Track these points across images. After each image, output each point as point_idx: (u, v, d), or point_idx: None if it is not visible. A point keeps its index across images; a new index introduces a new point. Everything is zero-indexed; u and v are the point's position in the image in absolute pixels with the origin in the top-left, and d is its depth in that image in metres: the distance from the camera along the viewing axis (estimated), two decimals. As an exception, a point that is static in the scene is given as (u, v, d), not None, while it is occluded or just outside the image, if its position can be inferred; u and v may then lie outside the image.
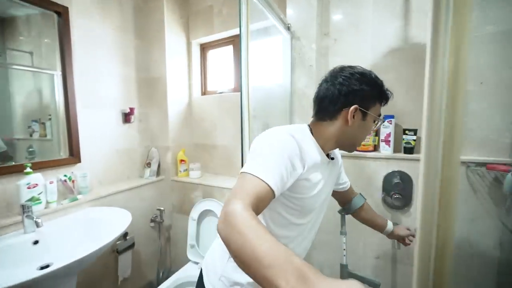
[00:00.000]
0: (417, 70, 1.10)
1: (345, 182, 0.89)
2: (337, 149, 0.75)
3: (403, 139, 1.13)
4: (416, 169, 1.11)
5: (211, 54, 1.90)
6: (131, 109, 1.63)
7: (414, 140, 1.11)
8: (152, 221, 1.70)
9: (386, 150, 1.16)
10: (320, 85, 0.68)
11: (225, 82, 1.83)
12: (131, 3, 1.65)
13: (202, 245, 1.48)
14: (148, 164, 1.73)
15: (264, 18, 1.10)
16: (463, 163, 1.02)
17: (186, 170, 1.78)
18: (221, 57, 1.86)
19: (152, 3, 1.69)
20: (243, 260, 0.36)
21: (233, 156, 1.73)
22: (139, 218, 1.60)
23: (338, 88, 0.62)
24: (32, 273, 0.77)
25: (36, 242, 0.99)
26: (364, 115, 0.63)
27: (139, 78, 1.73)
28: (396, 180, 1.14)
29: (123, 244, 1.46)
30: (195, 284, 1.37)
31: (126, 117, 1.63)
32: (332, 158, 0.72)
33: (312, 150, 0.61)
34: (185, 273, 1.40)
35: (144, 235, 1.67)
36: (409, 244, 0.94)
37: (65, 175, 1.26)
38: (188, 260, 1.50)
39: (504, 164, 0.93)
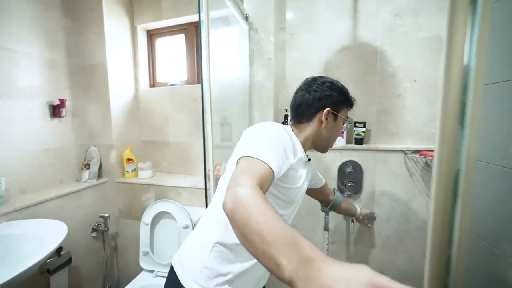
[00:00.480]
0: (365, 67, 1.20)
1: (321, 178, 0.98)
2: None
3: (354, 131, 1.23)
4: (366, 158, 1.22)
5: (160, 42, 1.74)
6: (61, 101, 1.37)
7: (364, 132, 1.21)
8: (94, 230, 1.47)
9: (340, 141, 1.24)
10: (296, 93, 0.77)
11: (177, 73, 1.70)
12: (56, -27, 1.37)
13: (157, 251, 1.35)
14: (87, 166, 1.49)
15: (222, 6, 1.05)
16: (401, 151, 1.17)
17: (135, 170, 1.60)
18: (172, 46, 1.72)
19: (85, -24, 1.45)
20: (246, 234, 0.35)
21: (189, 153, 1.62)
22: (77, 228, 1.37)
23: (313, 94, 0.71)
24: None
25: None
26: (335, 117, 0.72)
27: (71, 64, 1.46)
28: (349, 169, 1.23)
29: (56, 262, 1.22)
30: (151, 295, 1.24)
31: (55, 111, 1.36)
32: (309, 159, 0.78)
33: (299, 146, 0.68)
34: (138, 283, 1.25)
35: (85, 248, 1.44)
36: (370, 227, 1.15)
37: (-32, 184, 0.99)
38: (141, 269, 1.35)
39: (432, 151, 1.09)
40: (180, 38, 1.66)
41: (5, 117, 1.16)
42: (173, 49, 1.71)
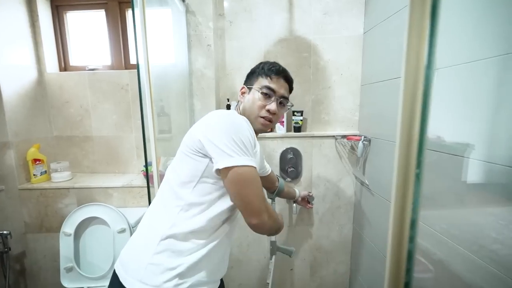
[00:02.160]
0: (300, 59, 1.29)
1: (267, 166, 1.01)
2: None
3: (293, 119, 1.31)
4: (304, 145, 1.32)
5: (71, 17, 1.44)
6: None
7: (301, 120, 1.31)
8: (-13, 254, 1.14)
9: (280, 130, 1.30)
10: None
11: (98, 56, 1.45)
12: None
13: (85, 264, 1.15)
14: (-31, 172, 1.13)
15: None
16: (332, 136, 1.32)
17: (46, 172, 1.30)
18: (89, 24, 1.44)
19: None
20: (276, 231, 0.70)
21: (118, 149, 1.42)
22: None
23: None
24: None
25: None
26: (250, 90, 0.75)
27: None
28: (290, 155, 1.31)
29: None
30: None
31: None
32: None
33: (254, 134, 0.68)
34: (61, 307, 1.05)
35: (-27, 278, 1.10)
36: (311, 207, 1.23)
37: None
38: (63, 290, 1.13)
39: (357, 135, 1.27)
40: (100, 14, 1.41)
41: None
42: (90, 27, 1.44)
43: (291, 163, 1.31)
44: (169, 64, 1.26)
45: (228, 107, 1.29)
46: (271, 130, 1.33)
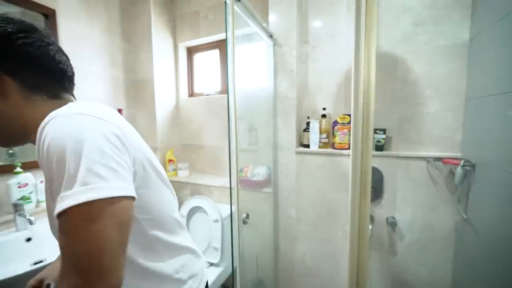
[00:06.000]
0: (386, 76, 1.24)
1: None
2: None
3: (374, 137, 1.26)
4: (386, 164, 1.24)
5: (197, 57, 1.97)
6: (119, 110, 1.66)
7: (384, 139, 1.24)
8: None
9: (359, 147, 1.28)
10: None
11: (212, 84, 1.90)
12: (117, 6, 1.68)
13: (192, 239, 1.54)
14: (136, 164, 1.77)
15: (248, 25, 1.19)
16: (423, 158, 1.17)
17: (175, 170, 1.83)
18: (208, 60, 1.93)
19: (139, 6, 1.73)
20: None
21: (220, 156, 1.80)
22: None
23: None
24: (24, 267, 0.81)
25: (29, 239, 1.02)
26: None
27: (127, 79, 1.76)
28: (368, 174, 1.26)
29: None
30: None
31: (114, 118, 1.66)
32: None
33: None
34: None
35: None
36: None
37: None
38: (177, 256, 1.55)
39: (456, 159, 1.08)
40: (215, 53, 1.86)
41: (79, 124, 1.47)
42: (209, 62, 1.93)
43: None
44: (259, 88, 1.51)
45: (308, 124, 1.39)
46: (349, 147, 1.33)
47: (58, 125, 0.37)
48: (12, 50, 0.42)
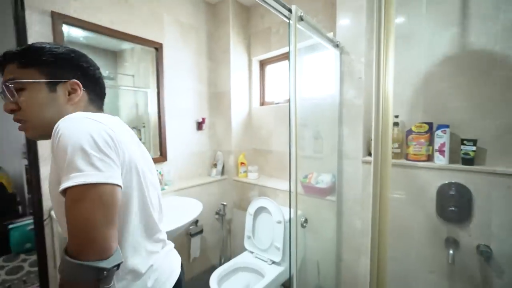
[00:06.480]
0: (474, 77, 1.06)
1: None
2: None
3: (461, 149, 1.09)
4: (476, 181, 1.05)
5: (268, 68, 2.13)
6: (203, 119, 1.98)
7: (474, 151, 1.05)
8: (216, 213, 2.00)
9: (440, 160, 1.13)
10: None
11: (281, 93, 2.02)
12: (204, 31, 2.01)
13: (257, 237, 1.68)
14: (215, 165, 2.06)
15: (313, 36, 1.25)
16: (536, 177, 0.93)
17: (245, 171, 2.03)
18: (277, 71, 2.06)
19: (222, 29, 2.02)
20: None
21: (286, 161, 1.87)
22: (207, 209, 1.92)
23: None
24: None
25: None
26: None
27: (210, 92, 2.08)
28: (452, 192, 1.10)
29: (195, 229, 1.80)
30: (249, 269, 1.59)
31: (199, 125, 1.99)
32: None
33: None
34: (241, 259, 1.62)
35: (210, 225, 1.99)
36: None
37: (156, 170, 1.66)
38: (245, 250, 1.72)
39: None
40: (284, 64, 1.97)
41: (175, 131, 1.84)
42: (278, 73, 2.06)
43: (452, 201, 1.09)
44: (326, 95, 1.52)
45: (377, 132, 1.32)
46: (428, 159, 1.18)
47: (68, 123, 0.48)
48: (89, 75, 0.62)
